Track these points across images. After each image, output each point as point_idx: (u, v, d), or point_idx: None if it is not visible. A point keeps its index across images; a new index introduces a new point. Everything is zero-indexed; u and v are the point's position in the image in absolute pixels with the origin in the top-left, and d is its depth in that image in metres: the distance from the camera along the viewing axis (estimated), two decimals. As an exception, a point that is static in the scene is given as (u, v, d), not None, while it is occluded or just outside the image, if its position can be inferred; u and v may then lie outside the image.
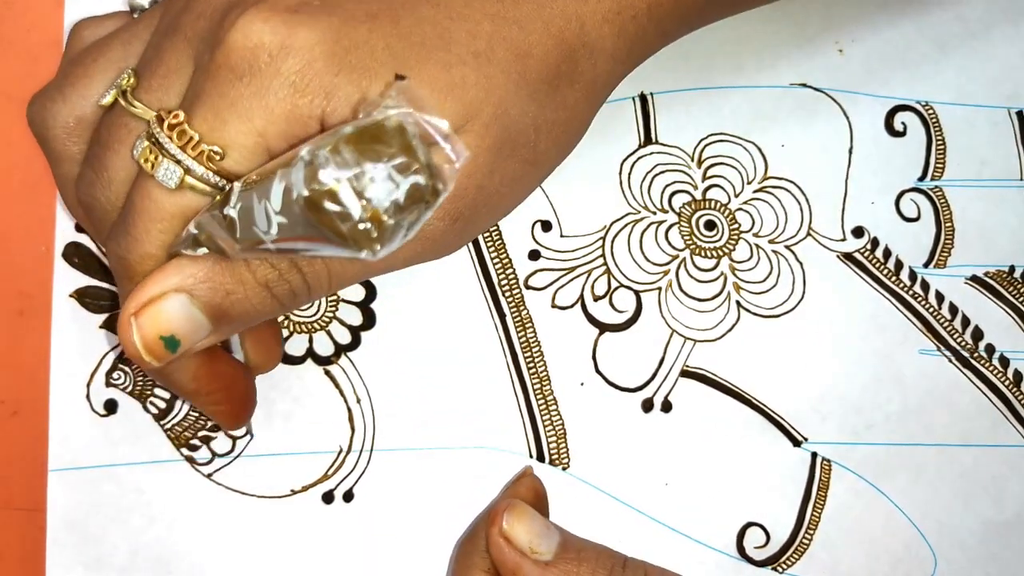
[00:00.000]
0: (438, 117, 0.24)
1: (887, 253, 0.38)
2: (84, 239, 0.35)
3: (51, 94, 0.30)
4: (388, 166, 0.22)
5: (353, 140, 0.23)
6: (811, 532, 0.36)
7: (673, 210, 0.38)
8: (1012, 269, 0.39)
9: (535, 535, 0.31)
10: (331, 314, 0.36)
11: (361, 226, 0.22)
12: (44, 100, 0.30)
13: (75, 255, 0.35)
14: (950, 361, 0.38)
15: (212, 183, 0.26)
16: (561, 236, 0.37)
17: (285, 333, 0.36)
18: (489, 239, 0.37)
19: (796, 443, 0.37)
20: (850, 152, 0.39)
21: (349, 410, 0.35)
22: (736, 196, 0.38)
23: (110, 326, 0.35)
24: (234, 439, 0.35)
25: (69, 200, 0.31)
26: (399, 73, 0.26)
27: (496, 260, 0.37)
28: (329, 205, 0.22)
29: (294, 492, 0.35)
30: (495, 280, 0.37)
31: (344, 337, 0.36)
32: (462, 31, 0.27)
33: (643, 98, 0.38)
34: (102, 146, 0.28)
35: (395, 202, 0.23)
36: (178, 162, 0.26)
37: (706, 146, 0.38)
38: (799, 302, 0.38)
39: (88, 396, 0.34)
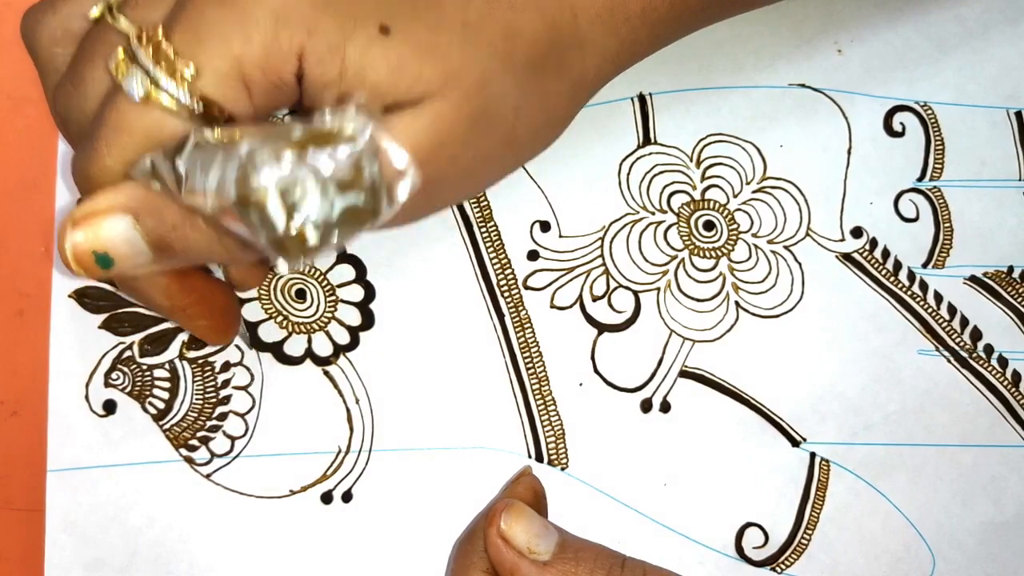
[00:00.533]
0: (399, 147, 0.23)
1: (886, 253, 0.38)
2: (83, 239, 0.35)
3: (43, 6, 0.30)
4: (328, 181, 0.22)
5: (299, 144, 0.22)
6: (810, 532, 0.36)
7: (672, 210, 0.38)
8: (1011, 269, 0.39)
9: (533, 535, 0.31)
10: (330, 314, 0.36)
11: (283, 239, 0.22)
12: (36, 12, 0.30)
13: (74, 255, 0.35)
14: (949, 361, 0.38)
15: (180, 101, 0.25)
16: (560, 236, 0.37)
17: (284, 333, 0.36)
18: (488, 239, 0.37)
19: (795, 443, 0.37)
20: (849, 152, 0.39)
21: (348, 410, 0.35)
22: (735, 196, 0.38)
23: (109, 326, 0.35)
24: (233, 439, 0.35)
25: (53, 112, 0.30)
26: (384, 24, 0.25)
27: (495, 260, 0.37)
28: (253, 211, 0.22)
29: (293, 492, 0.35)
30: (494, 280, 0.37)
31: (343, 337, 0.36)
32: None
33: (642, 98, 0.38)
34: (82, 58, 0.28)
35: (326, 220, 0.22)
36: (147, 73, 0.25)
37: (705, 146, 0.38)
38: (798, 302, 0.38)
39: (87, 396, 0.35)
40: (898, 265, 0.38)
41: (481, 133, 0.27)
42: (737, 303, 0.37)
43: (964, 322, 0.38)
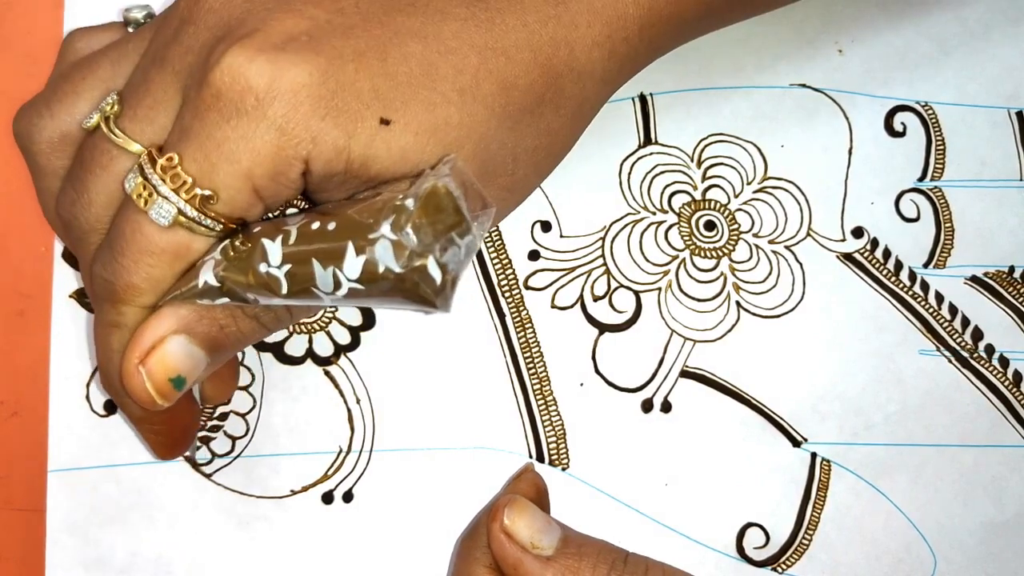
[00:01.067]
0: (476, 184, 0.27)
1: (887, 253, 0.38)
2: (84, 239, 0.35)
3: (38, 108, 0.30)
4: (453, 234, 0.26)
5: (421, 214, 0.25)
6: (811, 532, 0.36)
7: (673, 210, 0.38)
8: (1012, 269, 0.39)
9: (536, 530, 0.31)
10: (331, 314, 0.36)
11: (442, 292, 0.26)
12: (31, 114, 0.30)
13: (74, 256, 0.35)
14: (950, 361, 0.38)
15: (202, 223, 0.27)
16: (561, 236, 0.37)
17: (285, 334, 0.36)
18: (489, 240, 0.37)
19: (796, 443, 0.37)
20: (850, 152, 0.39)
21: (349, 410, 0.35)
22: (736, 196, 0.38)
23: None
24: (233, 439, 0.35)
25: (49, 214, 0.31)
26: (384, 117, 0.26)
27: (496, 260, 0.37)
28: (420, 281, 0.25)
29: (294, 492, 0.35)
30: (495, 280, 0.37)
31: (344, 337, 0.36)
32: (449, 66, 0.27)
33: (643, 99, 0.38)
34: (84, 168, 0.28)
35: (461, 263, 0.26)
36: (172, 203, 0.26)
37: (706, 146, 0.38)
38: (799, 302, 0.38)
39: (88, 396, 0.34)
40: (899, 265, 0.38)
41: (483, 187, 0.28)
42: (738, 303, 0.37)
43: (965, 322, 0.38)
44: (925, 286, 0.38)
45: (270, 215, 0.28)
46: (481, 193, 0.27)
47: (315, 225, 0.26)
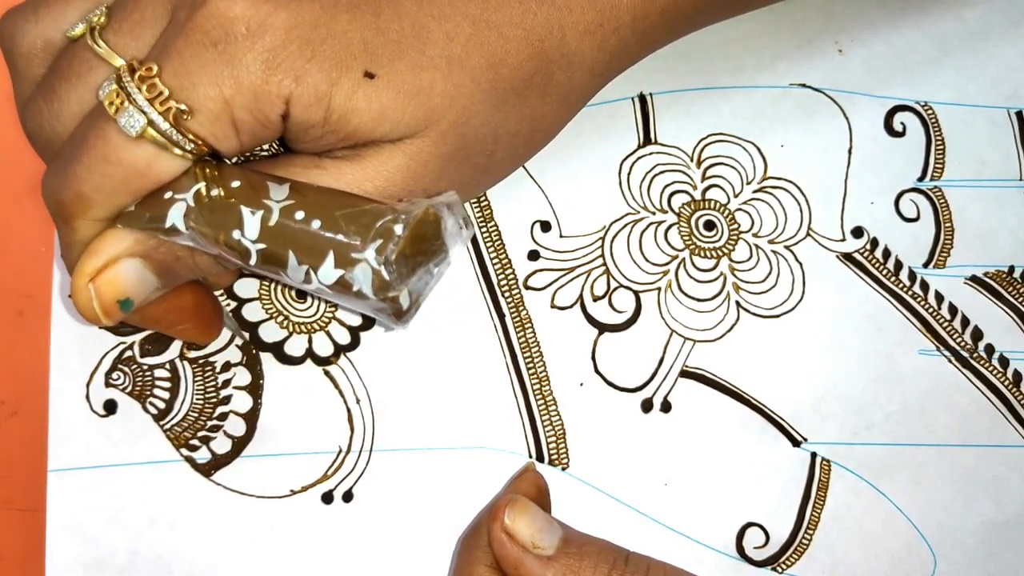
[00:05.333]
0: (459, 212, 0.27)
1: (886, 253, 0.38)
2: (84, 239, 0.35)
3: (25, 12, 0.30)
4: (431, 264, 0.27)
5: (407, 244, 0.26)
6: (811, 532, 0.36)
7: (672, 210, 0.38)
8: (1012, 269, 0.39)
9: (537, 530, 0.31)
10: (330, 314, 0.36)
11: (405, 313, 0.27)
12: (17, 16, 0.30)
13: (75, 255, 0.35)
14: (949, 361, 0.38)
15: (172, 139, 0.26)
16: (560, 236, 0.37)
17: (284, 333, 0.36)
18: (488, 240, 0.37)
19: (796, 443, 0.37)
20: (849, 152, 0.39)
21: (348, 410, 0.35)
22: (735, 196, 0.38)
23: (110, 326, 0.35)
24: (233, 439, 0.35)
25: (22, 121, 0.30)
26: (369, 70, 0.26)
27: (495, 260, 0.37)
28: (388, 306, 0.27)
29: (293, 492, 0.35)
30: (494, 280, 0.37)
31: (343, 337, 0.36)
32: (440, 32, 0.27)
33: (642, 98, 0.38)
34: (59, 76, 0.28)
35: (430, 286, 0.27)
36: (143, 112, 0.26)
37: (705, 146, 0.38)
38: (799, 302, 0.37)
39: (87, 396, 0.35)
40: (899, 265, 0.38)
41: (457, 164, 0.28)
42: (738, 303, 0.37)
43: (965, 322, 0.38)
44: (925, 286, 0.38)
45: (244, 156, 0.28)
46: (467, 220, 0.28)
47: (299, 215, 0.26)
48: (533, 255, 0.37)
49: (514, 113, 0.29)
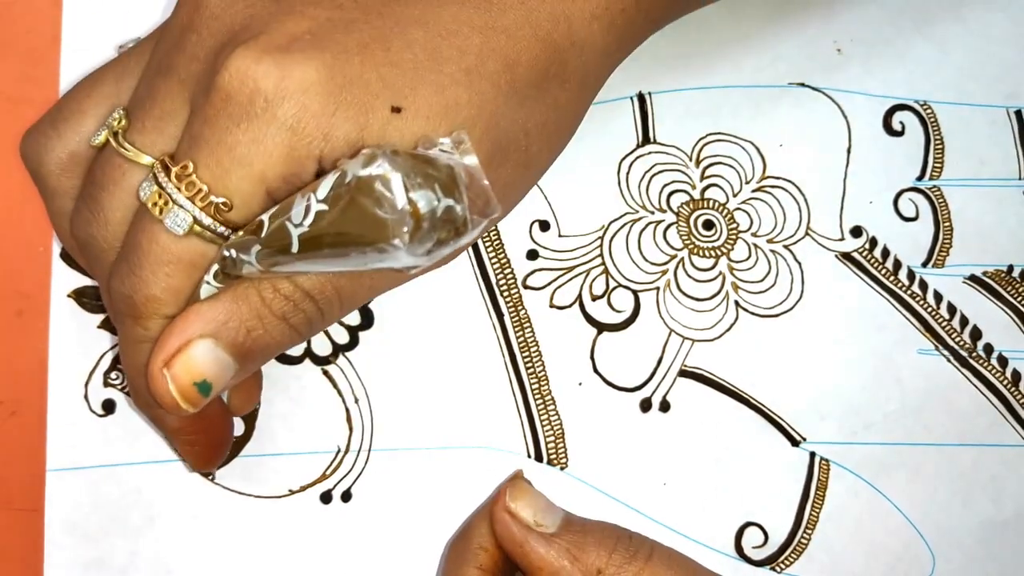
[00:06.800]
0: (484, 177, 0.26)
1: (885, 253, 0.38)
2: (83, 239, 0.35)
3: (44, 129, 0.30)
4: (434, 184, 0.25)
5: (409, 156, 0.25)
6: (809, 532, 0.36)
7: (671, 210, 0.38)
8: (1010, 268, 0.39)
9: (539, 509, 0.32)
10: (329, 314, 0.36)
11: (400, 217, 0.24)
12: (38, 135, 0.30)
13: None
14: (948, 361, 0.38)
15: (218, 232, 0.26)
16: (559, 236, 0.37)
17: (283, 333, 0.36)
18: (487, 239, 0.37)
19: (794, 443, 0.37)
20: (848, 151, 0.39)
21: (347, 410, 0.35)
22: (734, 196, 0.38)
23: (108, 326, 0.35)
24: (232, 439, 0.35)
25: (63, 234, 0.31)
26: (395, 105, 0.26)
27: (494, 260, 0.37)
28: (379, 190, 0.24)
29: (292, 492, 0.35)
30: (493, 280, 0.37)
31: (342, 337, 0.36)
32: (452, 48, 0.27)
33: (641, 98, 0.38)
34: (97, 186, 0.28)
35: (433, 211, 0.25)
36: (187, 211, 0.26)
37: (704, 145, 0.38)
38: (797, 302, 0.37)
39: (86, 396, 0.35)
40: (898, 264, 0.38)
41: (497, 165, 0.28)
42: (737, 302, 0.37)
43: (964, 321, 0.38)
44: (924, 285, 0.38)
45: None
46: (486, 191, 0.27)
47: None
48: (532, 254, 0.37)
49: (538, 106, 0.29)
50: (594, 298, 0.37)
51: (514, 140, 0.29)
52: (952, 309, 0.38)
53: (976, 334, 0.38)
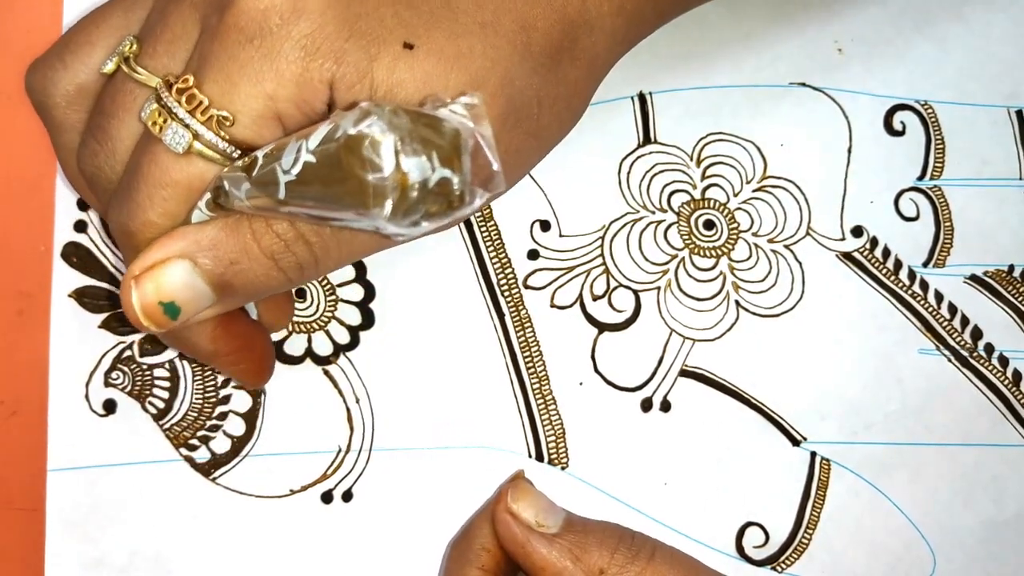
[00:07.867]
0: (493, 151, 0.25)
1: (886, 252, 0.38)
2: (83, 239, 0.35)
3: (51, 61, 0.29)
4: (432, 152, 0.23)
5: (411, 116, 0.24)
6: (810, 532, 0.36)
7: (672, 209, 0.38)
8: (1011, 268, 0.39)
9: (541, 509, 0.32)
10: (330, 314, 0.36)
11: (385, 184, 0.23)
12: (44, 67, 0.30)
13: (74, 255, 0.35)
14: (949, 361, 0.38)
15: (220, 149, 0.25)
16: (560, 236, 0.37)
17: (283, 333, 0.36)
18: (488, 239, 0.37)
19: (795, 442, 0.37)
20: (849, 151, 0.39)
21: (348, 410, 0.35)
22: (735, 195, 0.38)
23: (109, 326, 0.35)
24: (233, 439, 0.35)
25: (70, 171, 0.30)
26: (407, 41, 0.26)
27: (495, 259, 0.37)
28: (367, 151, 0.23)
29: (293, 492, 0.35)
30: (494, 279, 0.37)
31: (343, 337, 0.36)
32: (469, 1, 0.27)
33: (642, 97, 0.38)
34: (105, 115, 0.28)
35: (424, 182, 0.23)
36: (187, 126, 0.25)
37: (705, 145, 0.38)
38: (798, 301, 0.37)
39: (87, 396, 0.35)
40: (898, 264, 0.38)
41: (510, 128, 0.28)
42: (737, 302, 0.37)
43: (965, 321, 0.38)
44: (924, 285, 0.38)
45: None
46: (492, 162, 0.25)
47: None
48: (533, 254, 0.37)
49: (551, 77, 0.29)
50: (595, 298, 0.37)
51: (527, 105, 0.28)
52: (953, 309, 0.38)
53: (977, 334, 0.38)
